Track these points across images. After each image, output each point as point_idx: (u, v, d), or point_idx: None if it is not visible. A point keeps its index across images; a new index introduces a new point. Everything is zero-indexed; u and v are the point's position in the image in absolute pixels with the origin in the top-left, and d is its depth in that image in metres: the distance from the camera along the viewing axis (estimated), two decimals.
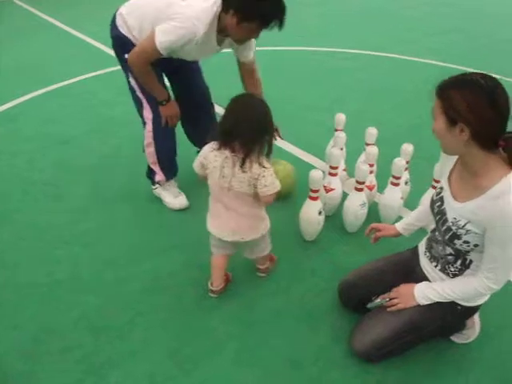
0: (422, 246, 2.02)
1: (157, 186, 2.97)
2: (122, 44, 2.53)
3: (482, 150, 1.54)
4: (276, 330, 2.14)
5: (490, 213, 1.55)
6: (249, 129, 1.86)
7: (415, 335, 1.89)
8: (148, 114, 2.66)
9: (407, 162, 2.75)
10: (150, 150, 2.78)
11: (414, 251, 2.07)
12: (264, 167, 1.93)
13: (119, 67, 2.64)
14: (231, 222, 2.07)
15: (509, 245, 1.57)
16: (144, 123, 2.72)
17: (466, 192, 1.65)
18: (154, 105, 2.63)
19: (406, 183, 2.82)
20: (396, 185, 2.65)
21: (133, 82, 2.61)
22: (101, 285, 2.38)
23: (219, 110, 3.13)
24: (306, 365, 1.98)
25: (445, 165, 1.83)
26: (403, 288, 1.91)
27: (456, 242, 1.70)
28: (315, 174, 2.47)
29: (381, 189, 2.82)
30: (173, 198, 2.93)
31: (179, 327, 2.16)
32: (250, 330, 2.14)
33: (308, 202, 2.55)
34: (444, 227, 1.74)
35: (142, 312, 2.22)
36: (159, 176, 2.89)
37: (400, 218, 2.71)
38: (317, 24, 7.37)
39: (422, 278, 1.94)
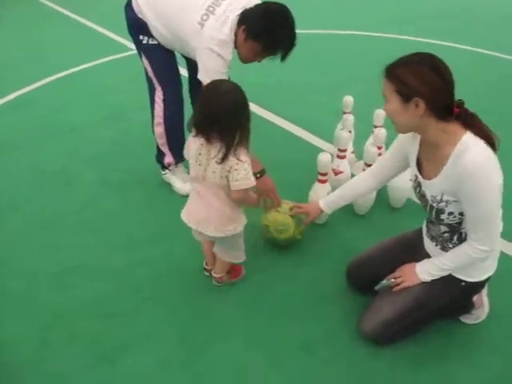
0: (424, 228, 2.03)
1: (166, 171, 2.98)
2: (138, 26, 2.56)
3: (438, 121, 1.60)
4: (286, 314, 2.15)
5: (456, 174, 1.60)
6: (223, 118, 1.75)
7: (422, 314, 1.90)
8: (160, 94, 2.68)
9: None
10: (160, 130, 2.80)
11: (419, 231, 2.08)
12: (239, 160, 1.81)
13: (127, 54, 2.66)
14: (201, 212, 1.98)
15: (481, 202, 1.60)
16: (153, 103, 2.74)
17: (434, 168, 1.71)
18: (166, 86, 2.66)
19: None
20: None
21: (146, 63, 2.65)
22: (110, 271, 2.40)
23: None
24: (316, 348, 1.99)
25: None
26: (406, 267, 1.93)
27: (442, 216, 1.74)
28: (323, 158, 2.46)
29: None
30: (182, 183, 2.94)
31: (189, 312, 2.18)
32: (260, 314, 2.15)
33: (317, 185, 2.55)
34: (428, 207, 1.80)
35: (151, 297, 2.25)
36: (168, 158, 2.91)
37: (409, 200, 2.72)
38: (319, 6, 7.26)
39: (426, 256, 1.96)
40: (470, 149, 1.56)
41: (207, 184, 1.91)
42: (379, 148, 2.72)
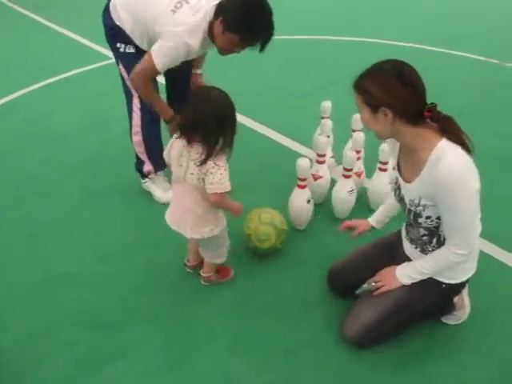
0: (403, 230, 2.04)
1: (146, 180, 2.97)
2: (115, 33, 2.55)
3: (411, 126, 1.62)
4: (270, 319, 2.16)
5: (433, 181, 1.61)
6: (207, 125, 1.80)
7: (403, 317, 1.91)
8: (137, 102, 2.68)
9: None
10: (138, 139, 2.79)
11: (399, 233, 2.09)
12: (215, 164, 1.85)
13: (107, 62, 2.63)
14: (178, 213, 2.05)
15: (457, 209, 1.62)
16: (131, 112, 2.74)
17: (412, 171, 1.72)
18: None
19: (394, 168, 2.82)
20: (384, 170, 2.65)
21: (122, 71, 2.63)
22: (94, 280, 2.39)
23: None
24: (299, 352, 2.00)
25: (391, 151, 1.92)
26: (386, 271, 1.95)
27: (420, 220, 1.75)
28: (302, 163, 2.47)
29: (369, 174, 2.82)
30: (162, 192, 2.93)
31: (174, 319, 2.17)
32: (244, 319, 2.16)
33: (296, 190, 2.56)
34: (406, 210, 1.81)
35: (136, 305, 2.24)
36: (148, 166, 2.90)
37: None
38: (299, 11, 7.30)
39: (405, 258, 1.97)
40: (446, 155, 1.56)
41: (186, 185, 1.95)
42: (358, 152, 2.74)
